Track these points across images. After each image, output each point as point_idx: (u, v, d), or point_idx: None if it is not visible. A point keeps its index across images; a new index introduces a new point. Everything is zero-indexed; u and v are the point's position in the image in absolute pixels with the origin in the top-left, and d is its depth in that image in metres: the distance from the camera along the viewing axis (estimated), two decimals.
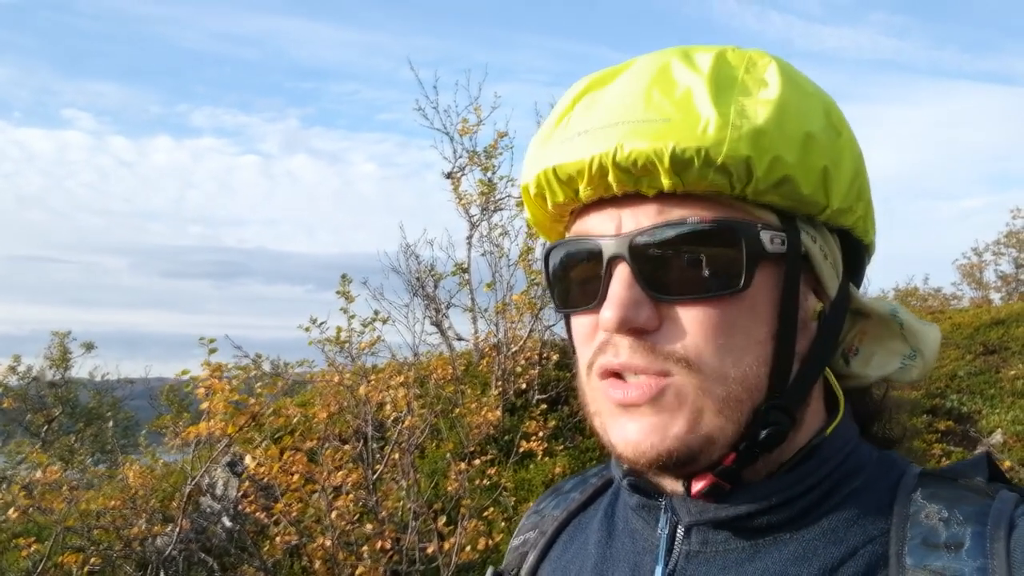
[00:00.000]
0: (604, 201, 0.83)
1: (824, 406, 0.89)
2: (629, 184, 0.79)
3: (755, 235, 0.79)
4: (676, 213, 0.79)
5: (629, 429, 0.80)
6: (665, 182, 0.77)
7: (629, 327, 0.78)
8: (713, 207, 0.79)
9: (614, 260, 0.80)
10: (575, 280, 0.86)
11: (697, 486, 0.82)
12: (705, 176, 0.77)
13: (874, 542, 0.79)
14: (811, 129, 0.80)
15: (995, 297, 19.68)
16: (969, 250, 20.68)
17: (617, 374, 0.81)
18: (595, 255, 0.82)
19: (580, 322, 0.86)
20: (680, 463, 0.79)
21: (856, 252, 0.90)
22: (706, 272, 0.79)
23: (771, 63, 0.84)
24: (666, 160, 0.76)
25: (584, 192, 0.82)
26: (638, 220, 0.80)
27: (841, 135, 0.84)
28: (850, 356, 0.91)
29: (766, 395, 0.81)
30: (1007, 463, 7.19)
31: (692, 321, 0.79)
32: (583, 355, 0.86)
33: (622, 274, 0.79)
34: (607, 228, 0.82)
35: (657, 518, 0.88)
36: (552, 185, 0.84)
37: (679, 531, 0.85)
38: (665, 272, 0.79)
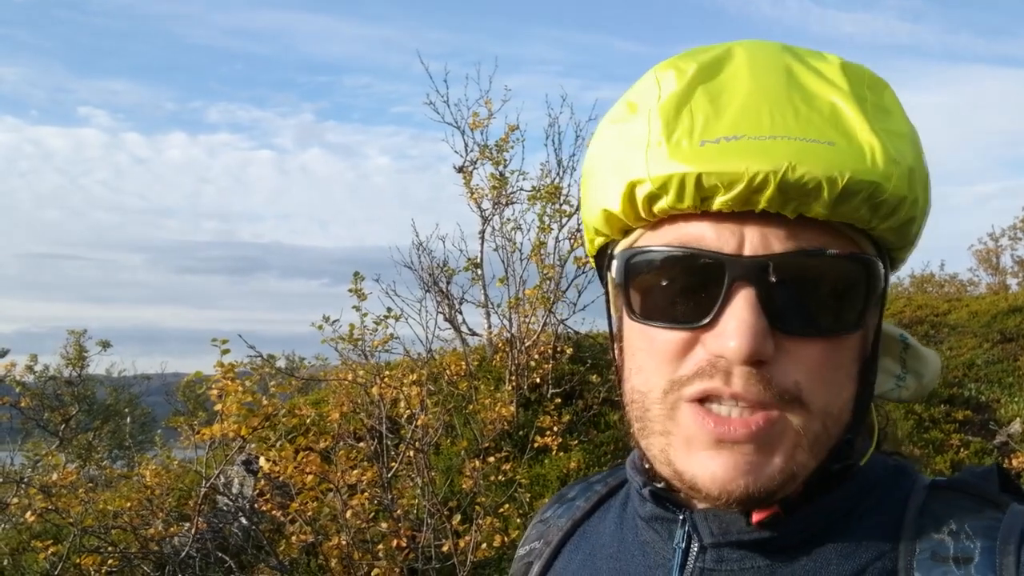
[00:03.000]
0: (722, 214, 0.75)
1: None
2: (778, 205, 0.72)
3: (878, 271, 0.77)
4: (807, 240, 0.74)
5: (717, 464, 0.75)
6: (818, 209, 0.72)
7: (757, 358, 0.73)
8: (837, 237, 0.76)
9: (740, 282, 0.74)
10: (676, 292, 0.78)
11: (759, 516, 0.79)
12: (858, 209, 0.73)
13: (884, 557, 0.78)
14: (927, 169, 0.79)
15: (1012, 283, 19.53)
16: (985, 235, 20.54)
17: (704, 401, 0.76)
18: (714, 272, 0.75)
19: (670, 337, 0.78)
20: (759, 501, 0.76)
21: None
22: (828, 307, 0.76)
23: (887, 87, 0.81)
24: (838, 188, 0.71)
25: (719, 204, 0.73)
26: (767, 243, 0.74)
27: (926, 171, 0.81)
28: None
29: (845, 430, 0.79)
30: None
31: (807, 357, 0.75)
32: (662, 372, 0.79)
33: (749, 300, 0.73)
34: (726, 244, 0.75)
35: (672, 532, 0.86)
36: (682, 191, 0.74)
37: (694, 546, 0.84)
38: (791, 303, 0.74)
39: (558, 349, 8.64)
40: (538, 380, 8.32)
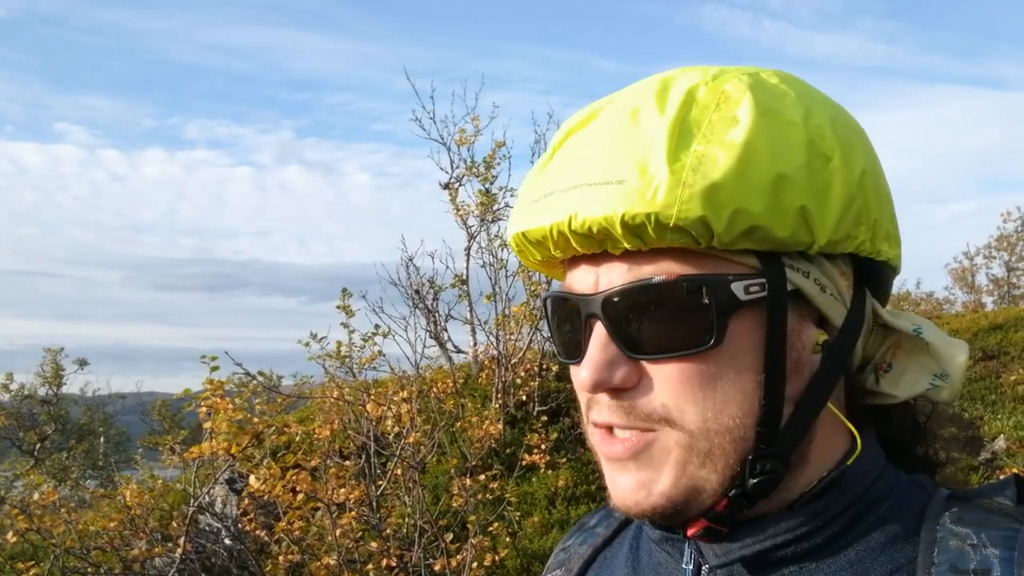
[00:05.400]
0: (585, 256, 0.81)
1: (847, 431, 0.85)
2: (594, 247, 0.78)
3: (724, 288, 0.76)
4: (644, 270, 0.78)
5: (619, 483, 0.81)
6: (625, 245, 0.76)
7: (604, 388, 0.79)
8: (684, 261, 0.77)
9: (591, 318, 0.80)
10: (565, 333, 0.86)
11: (692, 531, 0.82)
12: (663, 237, 0.75)
13: (901, 570, 0.77)
14: (783, 170, 0.75)
15: (987, 301, 19.79)
16: (960, 254, 20.85)
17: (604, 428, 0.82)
18: (576, 312, 0.82)
19: (574, 373, 0.84)
20: (667, 516, 0.80)
21: (872, 270, 0.85)
22: (677, 329, 0.77)
23: (745, 96, 0.77)
24: (618, 228, 0.75)
25: (557, 253, 0.82)
26: (611, 278, 0.79)
27: (831, 161, 0.78)
28: (880, 373, 0.88)
29: (754, 443, 0.79)
30: (1013, 469, 7.17)
31: (668, 378, 0.78)
32: (581, 403, 0.86)
33: (598, 333, 0.80)
34: (586, 284, 0.81)
35: (681, 551, 0.87)
36: (526, 248, 0.85)
37: (704, 566, 0.84)
38: (639, 330, 0.78)
39: (544, 367, 8.63)
40: (524, 398, 8.29)
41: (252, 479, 4.89)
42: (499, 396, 8.13)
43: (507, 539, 6.11)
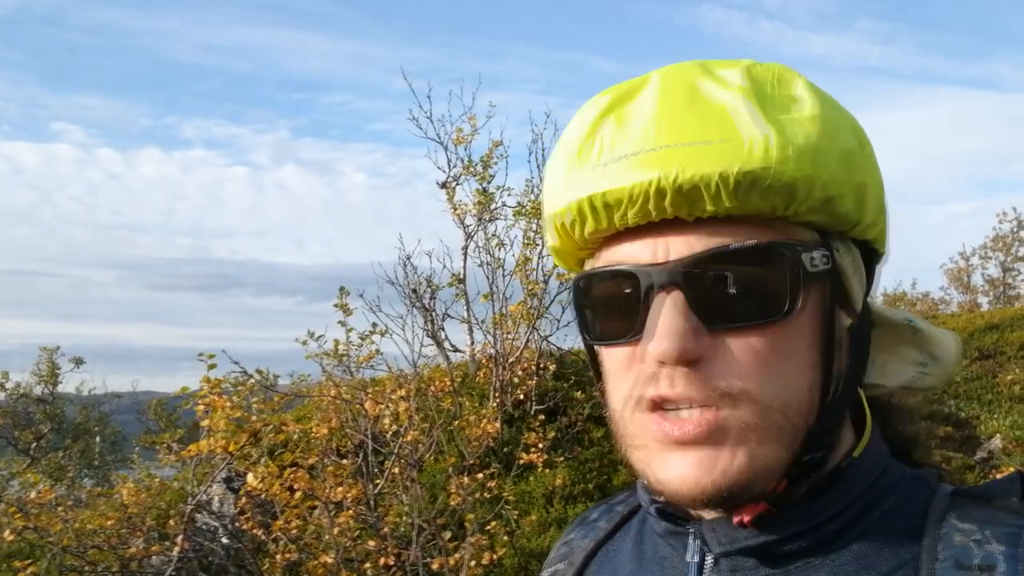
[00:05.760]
0: (641, 228, 0.79)
1: (852, 425, 0.86)
2: (684, 209, 0.76)
3: (798, 257, 0.77)
4: (721, 238, 0.77)
5: (680, 465, 0.77)
6: (721, 206, 0.75)
7: (686, 358, 0.75)
8: (756, 230, 0.78)
9: (664, 288, 0.77)
10: (612, 311, 0.82)
11: (745, 517, 0.80)
12: (749, 200, 0.75)
13: (906, 566, 0.77)
14: (848, 146, 0.79)
15: (983, 301, 19.83)
16: (956, 255, 20.89)
17: (661, 407, 0.78)
18: (638, 284, 0.79)
19: (616, 354, 0.82)
20: (733, 497, 0.77)
21: (870, 262, 0.88)
22: (755, 298, 0.77)
23: (797, 78, 0.82)
24: (730, 183, 0.74)
25: (632, 218, 0.78)
26: (688, 246, 0.77)
27: (866, 149, 0.83)
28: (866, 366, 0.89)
29: (816, 418, 0.79)
30: (1010, 468, 7.19)
31: (743, 349, 0.77)
32: (620, 388, 0.82)
33: (676, 303, 0.76)
34: (648, 256, 0.79)
35: (686, 545, 0.87)
36: (596, 212, 0.80)
37: (708, 559, 0.84)
38: (715, 299, 0.77)
39: (541, 366, 8.63)
40: (522, 396, 8.30)
41: (250, 477, 4.89)
42: (497, 395, 8.13)
43: (505, 538, 6.12)
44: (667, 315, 0.76)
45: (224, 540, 6.00)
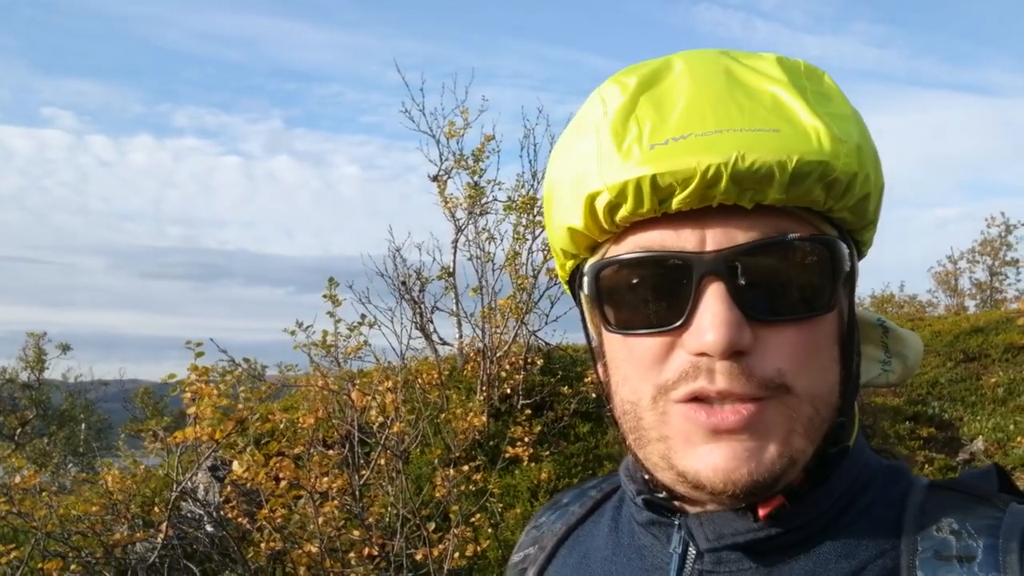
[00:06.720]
0: (680, 215, 0.76)
1: None
2: (735, 196, 0.73)
3: (842, 253, 0.78)
4: (767, 229, 0.75)
5: (713, 456, 0.75)
6: (774, 195, 0.73)
7: (734, 349, 0.73)
8: (797, 222, 0.77)
9: (708, 278, 0.74)
10: (647, 297, 0.78)
11: (764, 510, 0.79)
12: (812, 191, 0.74)
13: (885, 556, 0.78)
14: (876, 147, 0.80)
15: (970, 304, 19.93)
16: (944, 258, 21.00)
17: (697, 399, 0.76)
18: (681, 272, 0.76)
19: (650, 343, 0.78)
20: (763, 490, 0.76)
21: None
22: (799, 291, 0.77)
23: (824, 75, 0.83)
24: (788, 172, 0.72)
25: (677, 203, 0.74)
26: (731, 236, 0.75)
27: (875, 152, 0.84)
28: None
29: (837, 412, 0.80)
30: None
31: (785, 343, 0.75)
32: (649, 378, 0.79)
33: (719, 293, 0.74)
34: (688, 243, 0.76)
35: (669, 536, 0.86)
36: (640, 195, 0.75)
37: (691, 549, 0.84)
38: (761, 291, 0.75)
39: (529, 360, 8.64)
40: (509, 391, 8.31)
41: (235, 466, 4.89)
42: (484, 388, 8.14)
43: (489, 530, 6.14)
44: (716, 305, 0.74)
45: (209, 528, 5.99)
